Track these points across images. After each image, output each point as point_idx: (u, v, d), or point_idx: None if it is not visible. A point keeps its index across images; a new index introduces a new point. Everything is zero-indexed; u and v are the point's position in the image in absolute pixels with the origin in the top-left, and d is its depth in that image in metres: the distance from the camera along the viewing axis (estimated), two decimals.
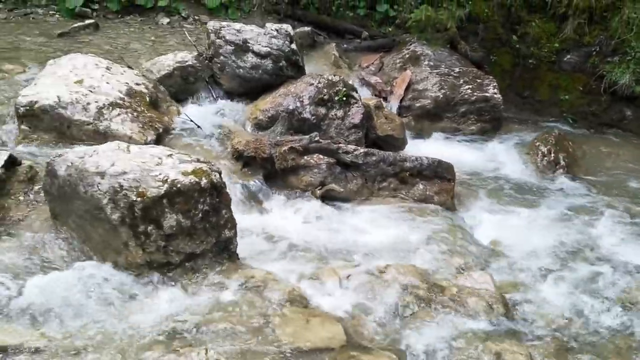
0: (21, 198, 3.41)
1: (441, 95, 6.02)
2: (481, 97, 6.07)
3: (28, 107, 4.17)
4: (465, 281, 3.37)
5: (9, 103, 4.54)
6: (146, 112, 4.53)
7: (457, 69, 6.27)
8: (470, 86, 6.11)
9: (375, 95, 5.87)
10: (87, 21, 6.82)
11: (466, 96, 6.05)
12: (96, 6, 7.38)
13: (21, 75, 5.25)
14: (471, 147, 5.91)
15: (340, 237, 3.82)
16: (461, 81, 6.14)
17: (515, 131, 6.33)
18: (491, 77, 6.32)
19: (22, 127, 4.20)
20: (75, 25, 6.69)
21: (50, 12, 7.39)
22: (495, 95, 6.10)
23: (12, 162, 3.50)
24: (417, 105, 6.02)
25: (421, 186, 4.44)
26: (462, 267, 3.62)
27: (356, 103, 4.93)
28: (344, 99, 4.88)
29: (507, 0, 7.02)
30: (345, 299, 3.09)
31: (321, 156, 4.31)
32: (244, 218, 3.65)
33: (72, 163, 3.09)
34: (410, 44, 6.62)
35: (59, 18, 7.24)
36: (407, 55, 6.46)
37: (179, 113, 4.89)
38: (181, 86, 5.17)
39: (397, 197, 4.36)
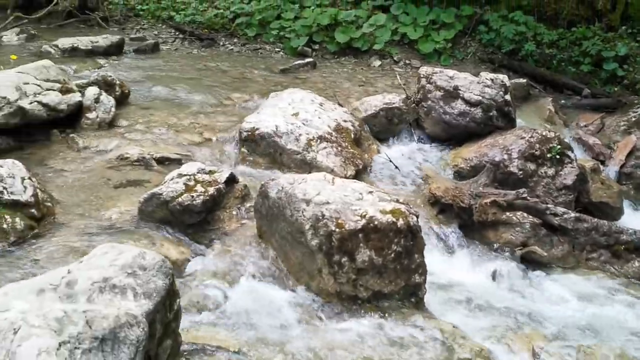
0: (234, 212, 3.72)
1: None
2: None
3: (249, 133, 4.60)
4: None
5: (233, 127, 5.05)
6: (349, 148, 4.70)
7: None
8: None
9: (592, 158, 5.39)
10: (307, 60, 7.40)
11: None
12: (316, 46, 7.98)
13: (246, 103, 5.82)
14: None
15: (536, 304, 3.51)
16: None
17: None
18: None
19: (242, 149, 4.64)
20: (296, 62, 7.29)
21: (276, 49, 8.18)
22: None
23: (231, 180, 3.85)
24: None
25: (637, 263, 3.93)
26: None
27: (570, 163, 4.56)
28: (557, 157, 4.55)
29: None
30: None
31: (525, 214, 4.05)
32: (435, 265, 3.55)
33: (282, 187, 3.31)
34: (639, 107, 6.03)
35: (282, 55, 7.98)
36: (633, 119, 5.87)
37: (378, 152, 5.00)
38: (384, 126, 5.29)
39: (607, 272, 3.90)
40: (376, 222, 3.03)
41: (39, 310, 1.72)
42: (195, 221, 3.56)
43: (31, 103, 4.52)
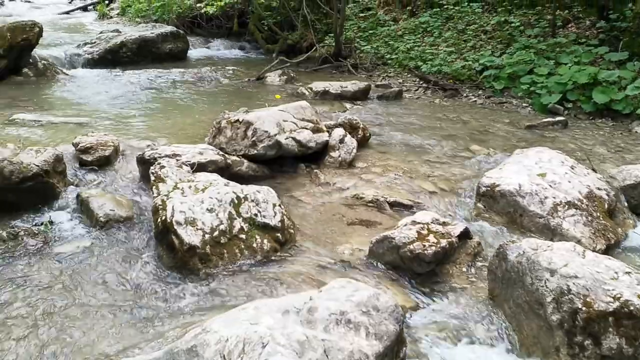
0: (464, 269, 3.57)
1: None
2: None
3: (489, 188, 4.42)
4: None
5: (469, 180, 4.92)
6: (601, 218, 4.21)
7: None
8: None
9: None
10: (557, 118, 6.93)
11: None
12: (569, 105, 7.44)
13: (484, 157, 5.63)
14: None
15: None
16: None
17: None
18: None
19: (478, 204, 4.46)
20: (545, 120, 6.87)
21: (524, 104, 7.83)
22: None
23: (465, 235, 3.72)
24: None
25: None
26: None
27: None
28: None
29: None
30: None
31: None
32: None
33: (524, 252, 3.07)
34: None
35: (530, 111, 7.61)
36: None
37: (634, 227, 4.39)
38: None
39: None
40: (632, 307, 2.64)
41: (283, 329, 1.81)
42: (424, 271, 3.49)
43: (287, 138, 5.00)
